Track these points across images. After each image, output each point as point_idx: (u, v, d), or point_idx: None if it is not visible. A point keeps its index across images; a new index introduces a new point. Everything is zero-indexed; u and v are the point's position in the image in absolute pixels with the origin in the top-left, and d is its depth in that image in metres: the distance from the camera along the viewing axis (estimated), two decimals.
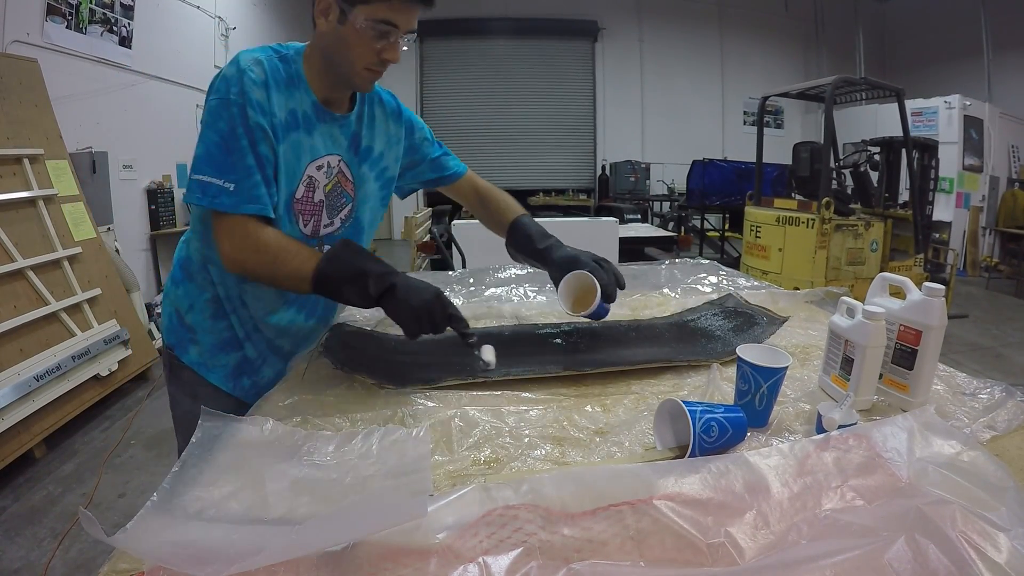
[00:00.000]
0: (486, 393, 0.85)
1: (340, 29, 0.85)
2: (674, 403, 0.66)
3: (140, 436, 2.68)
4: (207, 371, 1.02)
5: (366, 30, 0.84)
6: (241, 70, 0.85)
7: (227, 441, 0.67)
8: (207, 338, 1.02)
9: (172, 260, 1.07)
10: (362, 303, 0.85)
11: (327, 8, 0.86)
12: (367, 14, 0.83)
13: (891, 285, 0.85)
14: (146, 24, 4.49)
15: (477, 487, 0.53)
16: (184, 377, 1.03)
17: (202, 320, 1.01)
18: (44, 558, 1.81)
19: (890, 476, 0.57)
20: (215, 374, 1.03)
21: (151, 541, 0.49)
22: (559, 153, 9.30)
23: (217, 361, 1.02)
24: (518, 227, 1.14)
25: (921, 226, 4.11)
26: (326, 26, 0.87)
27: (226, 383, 1.03)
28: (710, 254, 6.89)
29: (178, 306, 1.03)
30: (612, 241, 3.42)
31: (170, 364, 1.05)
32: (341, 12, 0.84)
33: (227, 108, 0.83)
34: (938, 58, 8.57)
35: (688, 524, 0.50)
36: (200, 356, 1.02)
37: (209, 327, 1.01)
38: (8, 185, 2.67)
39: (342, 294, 0.85)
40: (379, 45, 0.86)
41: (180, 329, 1.03)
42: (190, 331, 1.02)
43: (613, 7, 8.98)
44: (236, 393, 1.04)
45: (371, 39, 0.85)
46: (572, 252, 1.07)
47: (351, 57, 0.87)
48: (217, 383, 1.03)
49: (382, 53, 0.87)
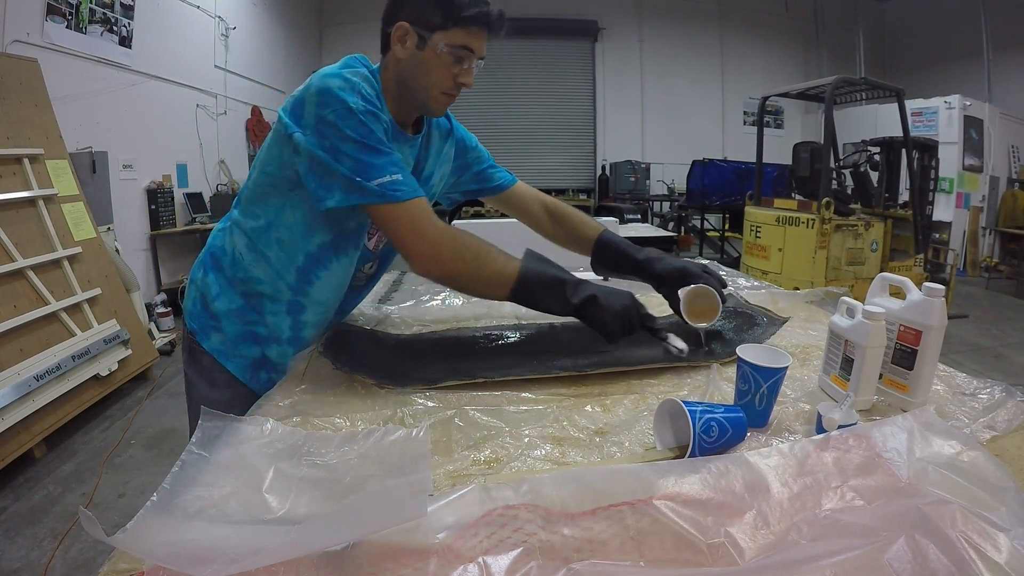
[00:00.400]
0: (486, 393, 0.85)
1: (419, 55, 0.90)
2: (674, 403, 0.66)
3: (140, 436, 2.68)
4: (227, 359, 1.02)
5: (445, 55, 0.89)
6: (352, 84, 0.85)
7: (227, 441, 0.67)
8: (232, 328, 1.01)
9: (206, 248, 1.06)
10: (560, 310, 0.90)
11: (404, 35, 0.89)
12: (447, 40, 0.88)
13: (891, 285, 0.85)
14: (146, 24, 4.49)
15: (477, 487, 0.53)
16: (204, 363, 1.03)
17: (228, 311, 1.01)
18: (44, 558, 1.81)
19: (890, 476, 0.57)
20: (234, 363, 1.02)
21: (151, 541, 0.49)
22: (559, 153, 9.30)
23: (238, 351, 1.02)
24: (608, 243, 1.18)
25: (921, 226, 4.11)
26: (403, 52, 0.91)
27: (244, 373, 1.03)
28: (710, 254, 6.89)
29: (205, 292, 1.02)
30: None
31: (190, 348, 1.05)
32: (420, 38, 0.88)
33: (353, 116, 0.83)
34: (938, 58, 8.57)
35: (688, 524, 0.50)
36: (222, 344, 1.02)
37: (235, 318, 1.01)
38: (8, 185, 2.67)
39: (539, 301, 0.89)
40: (456, 70, 0.91)
41: (204, 315, 1.02)
42: (214, 318, 1.02)
43: (613, 7, 8.97)
44: (252, 385, 1.03)
45: (449, 64, 0.90)
46: (677, 262, 1.11)
47: (429, 81, 0.92)
48: (235, 372, 1.02)
49: (458, 77, 0.92)
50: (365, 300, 1.45)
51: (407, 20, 0.89)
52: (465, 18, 0.87)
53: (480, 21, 0.89)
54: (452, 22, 0.87)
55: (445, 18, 0.87)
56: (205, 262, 1.05)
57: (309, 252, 0.97)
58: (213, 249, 1.04)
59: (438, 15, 0.87)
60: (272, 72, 6.98)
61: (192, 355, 1.05)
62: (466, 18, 0.87)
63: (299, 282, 1.00)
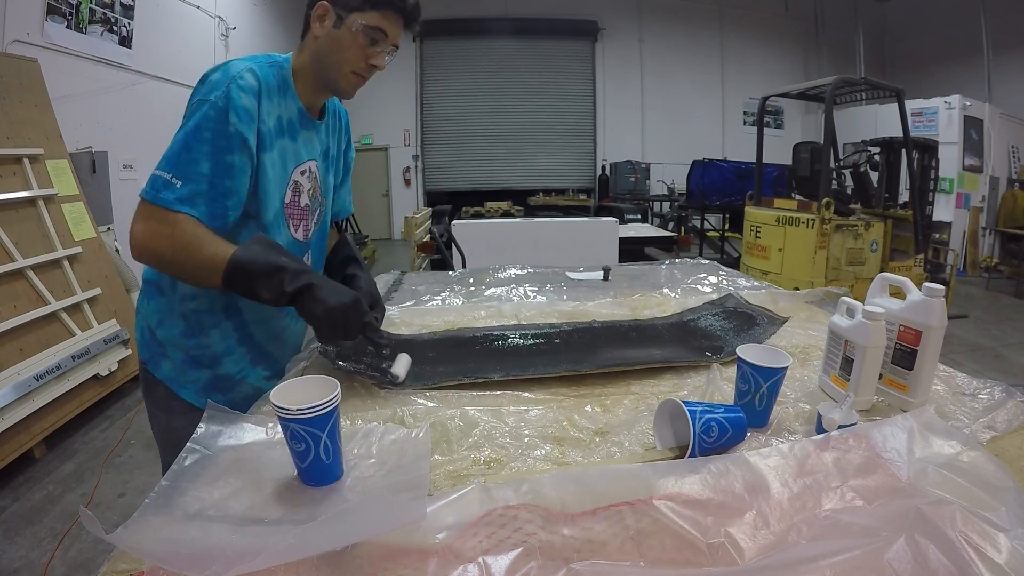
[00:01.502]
0: (486, 393, 0.85)
1: (335, 33, 0.92)
2: (674, 403, 0.66)
3: (140, 436, 2.68)
4: (179, 387, 1.01)
5: (360, 35, 0.91)
6: (231, 76, 0.87)
7: (228, 440, 0.67)
8: (177, 354, 1.00)
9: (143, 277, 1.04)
10: (273, 300, 0.82)
11: (324, 14, 0.92)
12: (362, 20, 0.90)
13: (891, 285, 0.85)
14: (146, 24, 4.49)
15: (477, 487, 0.53)
16: (159, 392, 1.01)
17: (172, 335, 0.99)
18: (44, 558, 1.81)
19: (890, 476, 0.57)
20: (187, 390, 1.01)
21: (151, 540, 0.49)
22: (559, 153, 9.30)
23: (188, 377, 1.00)
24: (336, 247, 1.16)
25: (921, 226, 4.10)
26: (321, 31, 0.93)
27: (198, 398, 1.00)
28: (710, 254, 6.89)
29: (148, 321, 1.01)
30: (612, 241, 3.42)
31: (145, 379, 1.03)
32: (338, 17, 0.91)
33: (201, 109, 0.84)
34: (938, 58, 8.58)
35: (688, 524, 0.50)
36: (172, 371, 1.00)
37: (179, 343, 0.99)
38: (8, 185, 2.67)
39: (254, 289, 0.81)
40: (369, 51, 0.93)
41: (152, 344, 1.01)
42: (161, 346, 1.00)
43: (613, 7, 8.98)
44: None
45: (362, 44, 0.92)
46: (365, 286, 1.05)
47: (342, 59, 0.93)
48: (189, 399, 1.01)
49: (371, 59, 0.93)
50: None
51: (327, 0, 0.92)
52: (381, 1, 0.91)
53: (395, 6, 0.92)
54: (369, 4, 0.90)
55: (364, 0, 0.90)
56: (145, 289, 1.02)
57: None
58: (149, 274, 1.01)
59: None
60: None
61: (148, 385, 1.03)
62: (382, 1, 0.91)
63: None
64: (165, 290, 0.99)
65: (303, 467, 0.60)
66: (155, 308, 1.00)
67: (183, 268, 0.85)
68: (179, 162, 0.83)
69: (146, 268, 1.02)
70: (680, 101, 9.29)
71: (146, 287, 1.02)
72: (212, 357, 1.00)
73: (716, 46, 9.36)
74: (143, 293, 1.03)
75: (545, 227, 3.62)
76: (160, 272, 0.91)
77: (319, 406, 0.57)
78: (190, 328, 0.99)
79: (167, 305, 0.99)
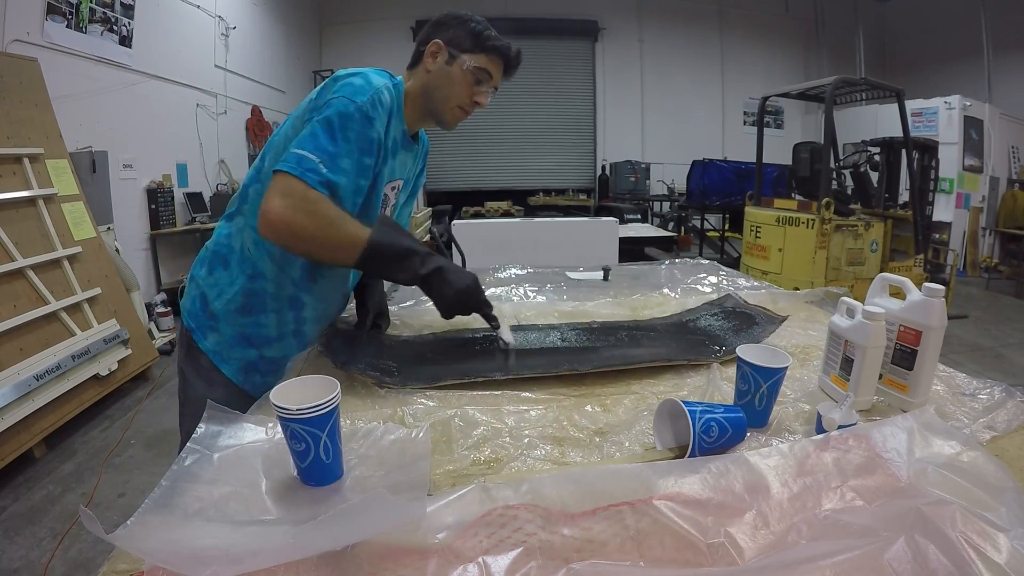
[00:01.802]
0: (486, 393, 0.85)
1: (446, 68, 1.02)
2: (674, 403, 0.66)
3: (140, 436, 2.68)
4: (222, 361, 1.04)
5: (468, 73, 1.02)
6: (375, 88, 0.94)
7: (228, 440, 0.67)
8: (229, 329, 1.03)
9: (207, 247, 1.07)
10: (405, 279, 0.91)
11: (437, 51, 1.03)
12: (472, 61, 1.02)
13: (891, 285, 0.85)
14: (146, 23, 4.49)
15: (477, 487, 0.53)
16: (201, 362, 1.05)
17: (227, 311, 1.03)
18: (44, 558, 1.81)
19: (890, 476, 0.57)
20: (229, 366, 1.04)
21: (151, 540, 0.49)
22: (559, 153, 9.29)
23: (233, 354, 1.04)
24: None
25: (921, 226, 4.10)
26: (433, 65, 1.03)
27: (238, 376, 1.05)
28: (710, 254, 6.89)
29: (205, 291, 1.04)
30: (612, 241, 3.42)
31: (187, 346, 1.06)
32: (450, 56, 1.02)
33: (348, 108, 0.90)
34: (938, 58, 8.57)
35: (688, 524, 0.50)
36: (218, 345, 1.04)
37: (233, 319, 1.03)
38: (8, 185, 2.66)
39: (388, 268, 0.91)
40: (474, 89, 1.04)
41: (202, 315, 1.04)
42: (212, 318, 1.03)
43: (613, 7, 8.97)
44: (246, 387, 1.05)
45: (470, 82, 1.03)
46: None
47: (451, 93, 1.03)
48: (229, 375, 1.04)
49: (475, 96, 1.05)
50: None
51: (442, 39, 1.02)
52: (490, 47, 1.02)
53: (501, 52, 1.04)
54: (479, 48, 1.02)
55: (474, 44, 1.02)
56: (209, 260, 1.05)
57: None
58: (219, 247, 1.05)
59: (469, 40, 1.02)
60: (272, 72, 6.98)
61: (189, 353, 1.06)
62: (491, 47, 1.03)
63: (303, 278, 1.03)
64: (232, 265, 1.03)
65: (303, 467, 0.60)
66: (216, 280, 1.03)
67: (322, 244, 0.88)
68: (327, 152, 0.88)
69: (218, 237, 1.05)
70: (680, 101, 9.28)
71: (211, 258, 1.05)
72: (263, 338, 1.05)
73: (716, 46, 9.35)
74: (204, 262, 1.06)
75: (545, 227, 3.62)
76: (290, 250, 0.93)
77: (319, 406, 0.57)
78: (249, 306, 1.03)
79: (229, 279, 1.03)
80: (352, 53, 8.57)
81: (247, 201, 1.02)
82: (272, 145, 1.00)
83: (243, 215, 1.03)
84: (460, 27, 1.03)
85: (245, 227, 1.02)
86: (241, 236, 1.03)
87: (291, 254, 0.98)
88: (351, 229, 0.88)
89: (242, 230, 1.03)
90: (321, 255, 0.92)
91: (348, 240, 0.87)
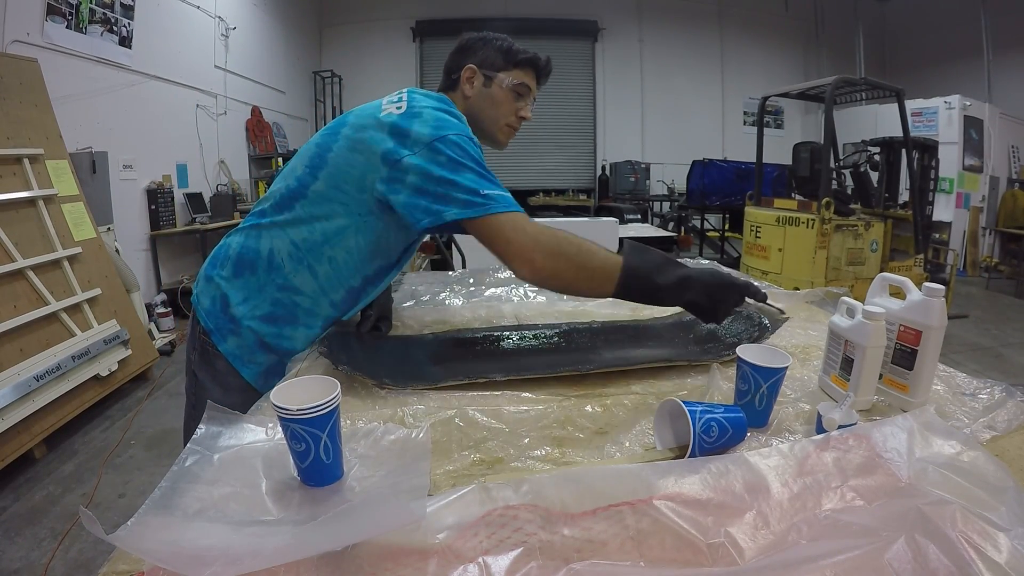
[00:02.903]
0: (486, 393, 0.85)
1: (486, 91, 1.05)
2: (674, 403, 0.66)
3: (140, 436, 2.68)
4: (241, 364, 1.00)
5: (509, 91, 1.05)
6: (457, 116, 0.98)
7: (228, 441, 0.67)
8: (250, 335, 0.99)
9: (230, 248, 1.03)
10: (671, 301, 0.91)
11: (472, 76, 1.05)
12: (510, 78, 1.05)
13: (891, 285, 0.85)
14: (146, 24, 4.49)
15: (477, 487, 0.53)
16: (218, 366, 1.01)
17: (250, 317, 0.99)
18: (44, 558, 1.81)
19: (890, 476, 0.57)
20: (249, 369, 1.01)
21: (151, 540, 0.49)
22: (559, 153, 9.29)
23: (254, 358, 1.01)
24: None
25: (921, 226, 4.10)
26: (471, 91, 1.06)
27: (257, 380, 1.02)
28: (710, 254, 6.89)
29: (228, 293, 1.00)
30: (612, 241, 3.42)
31: (203, 349, 1.02)
32: (486, 78, 1.05)
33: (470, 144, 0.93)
34: (938, 58, 8.57)
35: (688, 524, 0.50)
36: (238, 348, 1.00)
37: (256, 325, 0.99)
38: (8, 185, 2.66)
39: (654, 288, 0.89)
40: (518, 104, 1.07)
41: (222, 317, 1.00)
42: (233, 322, 0.99)
43: (613, 7, 8.97)
44: (265, 391, 1.00)
45: (512, 99, 1.06)
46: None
47: (498, 113, 1.06)
48: (249, 379, 1.01)
49: (520, 111, 1.07)
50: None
51: (474, 64, 1.04)
52: (522, 60, 1.05)
53: (533, 64, 1.06)
54: (512, 64, 1.05)
55: (506, 61, 1.04)
56: (234, 262, 1.01)
57: (367, 275, 1.01)
58: (244, 250, 1.00)
59: (500, 59, 1.04)
60: (272, 72, 6.98)
61: (204, 356, 1.02)
62: (522, 60, 1.05)
63: (346, 301, 1.02)
64: (259, 271, 0.99)
65: (303, 467, 0.60)
66: (242, 285, 1.00)
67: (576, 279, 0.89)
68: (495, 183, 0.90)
69: (246, 241, 1.01)
70: (680, 101, 9.28)
71: (236, 261, 1.01)
72: (286, 351, 1.02)
73: (716, 46, 9.35)
74: (225, 262, 1.02)
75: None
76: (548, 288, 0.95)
77: (319, 406, 0.57)
78: (277, 315, 0.99)
79: (258, 284, 0.99)
80: (352, 54, 8.58)
81: (284, 208, 0.98)
82: (320, 159, 0.96)
83: (280, 227, 0.98)
84: (487, 47, 1.05)
85: (278, 235, 0.98)
86: (271, 244, 0.98)
87: (337, 279, 0.99)
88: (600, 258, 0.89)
89: (275, 239, 0.98)
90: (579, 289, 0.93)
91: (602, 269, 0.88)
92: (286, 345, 1.01)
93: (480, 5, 8.66)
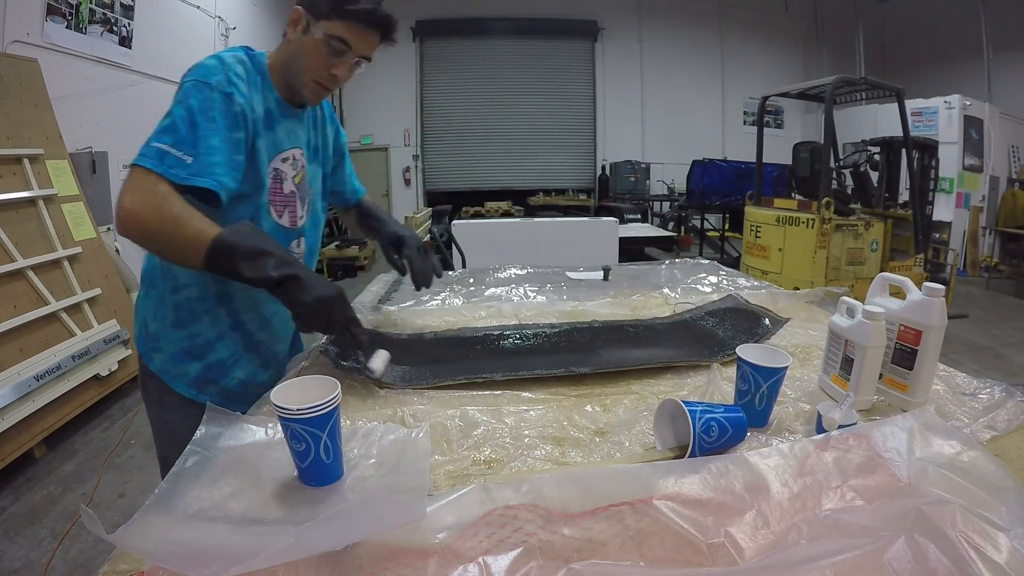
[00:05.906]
0: (486, 393, 0.85)
1: (302, 39, 0.92)
2: (674, 403, 0.66)
3: (140, 436, 2.68)
4: (171, 379, 1.01)
5: (320, 44, 0.90)
6: (226, 64, 0.88)
7: (228, 441, 0.67)
8: (169, 346, 1.01)
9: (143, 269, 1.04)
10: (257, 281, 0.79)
11: (297, 19, 0.92)
12: (326, 29, 0.89)
13: (891, 285, 0.85)
14: (146, 24, 4.49)
15: (477, 487, 0.53)
16: (152, 386, 1.03)
17: (162, 329, 1.00)
18: (44, 558, 1.81)
19: (890, 476, 0.57)
20: (178, 382, 1.01)
21: (151, 540, 0.49)
22: (559, 153, 9.30)
23: (179, 369, 1.01)
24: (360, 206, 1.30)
25: (921, 226, 4.10)
26: (293, 35, 0.93)
27: (189, 391, 1.02)
28: (710, 254, 6.89)
29: (145, 315, 1.03)
30: (612, 241, 3.43)
31: (141, 373, 1.05)
32: (307, 24, 0.90)
33: (203, 91, 0.84)
34: (938, 58, 8.57)
35: (688, 524, 0.50)
36: (164, 363, 1.01)
37: (170, 335, 1.00)
38: (8, 185, 2.66)
39: (238, 269, 0.78)
40: (332, 61, 0.92)
41: (146, 338, 1.03)
42: (154, 339, 1.02)
43: (613, 7, 8.97)
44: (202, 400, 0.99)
45: (324, 53, 0.91)
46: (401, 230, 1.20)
47: (304, 66, 0.93)
48: (181, 391, 1.01)
49: (332, 69, 0.92)
50: (365, 300, 1.45)
51: (303, 5, 0.91)
52: (348, 11, 0.88)
53: (362, 18, 0.90)
54: (336, 14, 0.89)
55: (331, 9, 0.89)
56: (143, 283, 1.04)
57: None
58: (145, 269, 1.03)
59: (326, 5, 0.89)
60: None
61: (143, 378, 1.04)
62: (348, 12, 0.89)
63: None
64: (156, 282, 1.00)
65: (303, 467, 0.60)
66: (150, 303, 1.02)
67: (168, 241, 0.81)
68: (188, 139, 0.81)
69: (144, 264, 1.03)
70: (680, 101, 9.29)
71: (143, 282, 1.03)
72: (204, 345, 1.00)
73: (716, 46, 9.36)
74: (142, 287, 1.05)
75: (545, 227, 3.62)
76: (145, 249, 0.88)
77: (319, 406, 0.57)
78: (180, 318, 0.99)
79: (159, 297, 1.00)
80: None
81: None
82: None
83: None
84: None
85: None
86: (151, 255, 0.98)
87: None
88: (197, 227, 0.79)
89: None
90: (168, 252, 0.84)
91: (193, 238, 0.78)
92: (201, 340, 1.00)
93: (480, 5, 8.66)
